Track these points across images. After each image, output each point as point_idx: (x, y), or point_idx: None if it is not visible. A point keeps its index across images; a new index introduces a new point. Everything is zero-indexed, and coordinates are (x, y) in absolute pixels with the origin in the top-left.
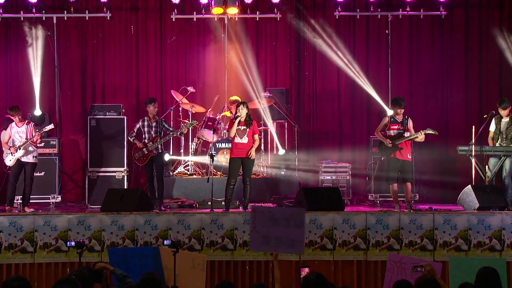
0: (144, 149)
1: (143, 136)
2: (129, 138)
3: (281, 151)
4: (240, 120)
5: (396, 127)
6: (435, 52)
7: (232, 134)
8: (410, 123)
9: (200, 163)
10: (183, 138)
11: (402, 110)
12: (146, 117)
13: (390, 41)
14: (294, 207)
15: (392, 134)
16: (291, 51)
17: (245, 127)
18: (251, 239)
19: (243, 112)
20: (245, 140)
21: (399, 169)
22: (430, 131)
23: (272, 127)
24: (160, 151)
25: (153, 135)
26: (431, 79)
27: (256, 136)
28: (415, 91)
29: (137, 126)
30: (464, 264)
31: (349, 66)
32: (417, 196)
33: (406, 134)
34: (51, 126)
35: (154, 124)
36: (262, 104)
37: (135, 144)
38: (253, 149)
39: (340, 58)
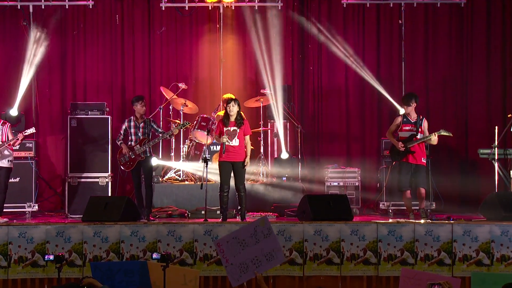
0: (131, 153)
1: (129, 138)
2: (116, 141)
3: (284, 155)
4: (229, 119)
5: (408, 127)
6: (453, 45)
7: (217, 140)
8: (425, 124)
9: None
10: (173, 140)
11: (412, 108)
12: (132, 117)
13: (403, 32)
14: (255, 221)
15: (404, 135)
16: (293, 43)
17: (235, 128)
18: (229, 274)
19: (234, 109)
20: (235, 142)
21: (412, 175)
22: (444, 133)
23: (280, 128)
24: (148, 154)
25: (141, 137)
26: (449, 75)
27: (247, 138)
28: (431, 87)
29: (123, 127)
30: (488, 280)
31: (358, 60)
32: (434, 205)
33: (420, 136)
34: (32, 130)
35: (141, 124)
36: (261, 103)
37: (121, 147)
38: (248, 158)
39: (348, 51)
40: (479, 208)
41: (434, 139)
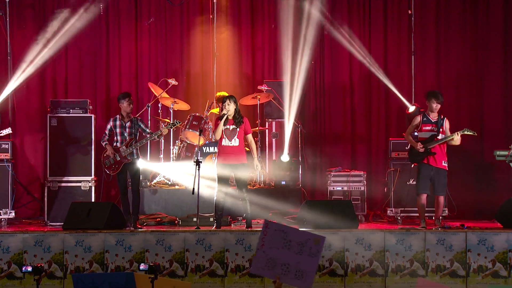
0: (116, 154)
1: (115, 138)
2: (101, 142)
3: (285, 157)
4: (227, 118)
5: (429, 127)
6: (467, 37)
7: (218, 136)
8: (447, 125)
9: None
10: (163, 140)
11: (438, 107)
12: (118, 116)
13: (413, 23)
14: (313, 233)
15: (424, 136)
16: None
17: (234, 127)
18: (254, 258)
19: (230, 108)
20: (235, 142)
21: (431, 179)
22: (468, 132)
23: (287, 127)
24: (135, 157)
25: (127, 138)
26: (462, 70)
27: (250, 137)
28: (443, 84)
29: (108, 126)
30: None
31: (364, 53)
32: (446, 211)
33: (441, 137)
34: (8, 131)
35: (128, 124)
36: (258, 100)
37: (106, 149)
38: (256, 159)
39: (352, 44)
40: (495, 215)
41: (457, 139)
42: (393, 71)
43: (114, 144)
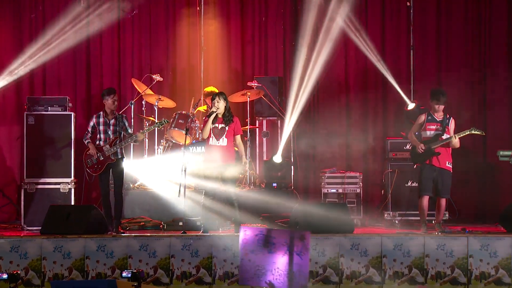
0: (99, 154)
1: (98, 136)
2: (83, 140)
3: (278, 158)
4: (216, 116)
5: (433, 127)
6: (469, 30)
7: (205, 135)
8: (452, 124)
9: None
10: (147, 140)
11: (440, 108)
12: (102, 112)
13: (412, 16)
14: (297, 229)
15: (428, 135)
16: (285, 28)
17: (223, 125)
18: (240, 269)
19: (220, 105)
20: (223, 142)
21: (434, 180)
22: (475, 131)
23: (288, 126)
24: (119, 156)
25: (111, 136)
26: (464, 66)
27: (239, 139)
28: (444, 80)
29: (91, 124)
30: None
31: (360, 48)
32: (447, 215)
33: (445, 137)
34: None
35: (112, 121)
36: (248, 97)
37: (88, 147)
38: (245, 157)
39: (348, 38)
40: (498, 219)
41: (455, 141)
42: (391, 66)
43: (97, 142)
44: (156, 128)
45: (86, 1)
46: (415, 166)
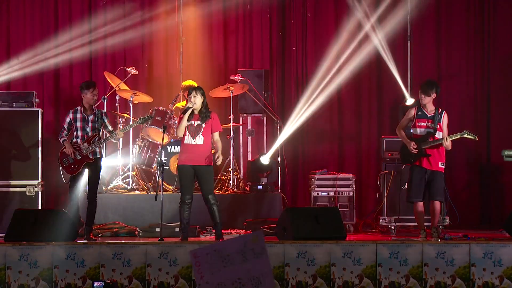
0: (76, 153)
1: (74, 134)
2: (59, 138)
3: (265, 159)
4: (192, 112)
5: (424, 123)
6: (471, 19)
7: (181, 133)
8: (445, 120)
9: (145, 171)
10: (121, 138)
11: (430, 99)
12: (79, 108)
13: (409, 3)
14: (246, 234)
15: (419, 133)
16: (271, 17)
17: (199, 123)
18: None
19: (197, 101)
20: (199, 140)
21: (426, 183)
22: (468, 135)
23: (291, 125)
24: (98, 156)
25: (89, 133)
26: (466, 58)
27: (217, 136)
28: (444, 74)
29: (67, 120)
30: None
31: (353, 39)
32: (447, 220)
33: (439, 135)
34: None
35: (90, 117)
36: (231, 92)
37: (64, 146)
38: (220, 151)
39: (340, 27)
40: (503, 224)
41: (446, 144)
42: (386, 59)
43: (74, 140)
44: (143, 124)
45: None
46: (403, 167)
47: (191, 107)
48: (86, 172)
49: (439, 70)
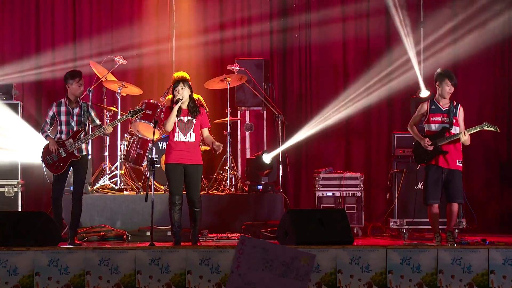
0: (61, 150)
1: (58, 129)
2: (41, 133)
3: (267, 158)
4: (180, 107)
5: (439, 118)
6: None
7: (169, 128)
8: (461, 114)
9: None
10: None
11: (452, 90)
12: (63, 100)
13: None
14: (300, 250)
15: (434, 129)
16: (272, 1)
17: (189, 118)
18: (229, 283)
19: (184, 93)
20: (190, 137)
21: (444, 183)
22: (488, 127)
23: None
24: (84, 153)
25: (75, 128)
26: (485, 46)
27: (207, 132)
28: (460, 64)
29: (50, 113)
30: None
31: (361, 25)
32: (464, 223)
33: (455, 130)
34: None
35: (76, 110)
36: (228, 83)
37: (48, 142)
38: (217, 143)
39: (347, 13)
40: None
41: (464, 139)
42: (397, 48)
43: (58, 135)
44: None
45: None
46: (418, 167)
47: (181, 99)
48: (71, 170)
49: (456, 58)
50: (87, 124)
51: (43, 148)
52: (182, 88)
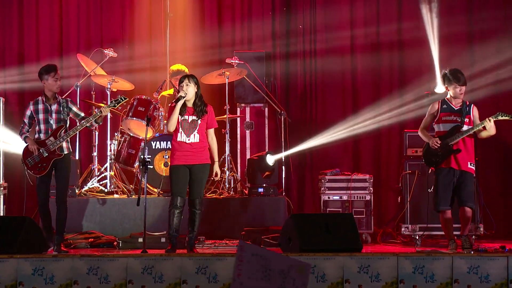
0: (42, 149)
1: (37, 128)
2: (19, 135)
3: (270, 159)
4: (185, 105)
5: (450, 118)
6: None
7: (172, 127)
8: (475, 113)
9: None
10: (97, 132)
11: (463, 91)
12: (40, 98)
13: None
14: (297, 260)
15: (444, 129)
16: None
17: (195, 118)
18: None
19: (190, 90)
20: (194, 138)
21: (455, 186)
22: (503, 117)
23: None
24: (66, 152)
25: (54, 126)
26: (503, 35)
27: (212, 133)
28: (478, 55)
29: (28, 113)
30: None
31: (370, 14)
32: (481, 229)
33: (466, 129)
34: None
35: (54, 107)
36: (227, 78)
37: (28, 144)
38: (217, 164)
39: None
40: None
41: (490, 126)
42: (410, 39)
43: (37, 135)
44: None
45: None
46: (429, 171)
47: (184, 97)
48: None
49: (472, 49)
50: (67, 121)
51: (22, 150)
52: (187, 85)
